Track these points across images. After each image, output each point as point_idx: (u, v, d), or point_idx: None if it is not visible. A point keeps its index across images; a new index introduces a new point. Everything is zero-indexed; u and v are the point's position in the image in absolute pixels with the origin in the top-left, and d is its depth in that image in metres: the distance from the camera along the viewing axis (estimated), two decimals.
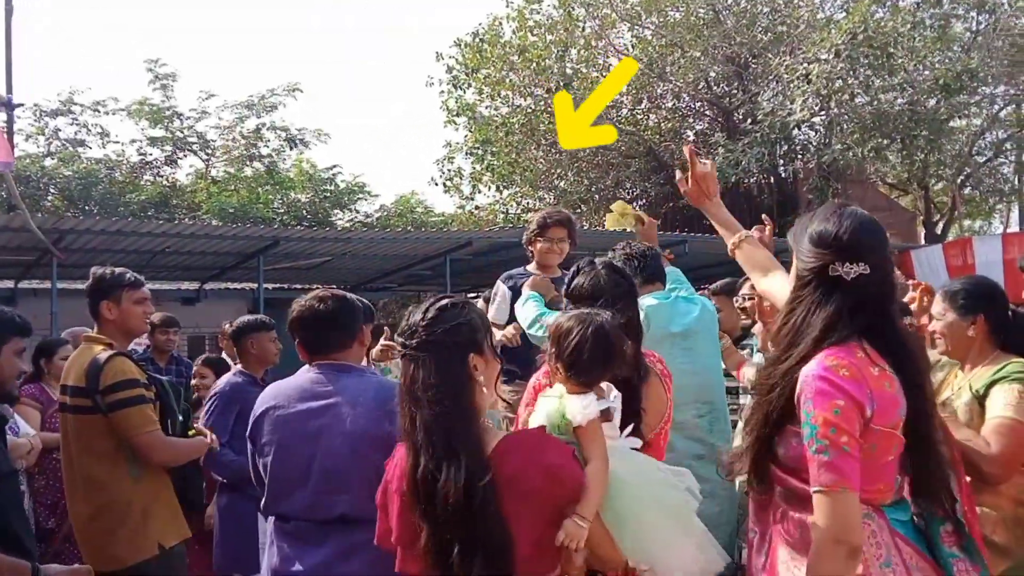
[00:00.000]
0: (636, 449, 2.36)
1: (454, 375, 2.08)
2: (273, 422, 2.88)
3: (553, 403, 2.26)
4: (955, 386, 3.10)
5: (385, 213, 24.78)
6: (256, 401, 3.02)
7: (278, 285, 16.45)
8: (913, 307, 3.74)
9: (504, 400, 2.25)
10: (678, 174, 2.91)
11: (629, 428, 2.38)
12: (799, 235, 2.17)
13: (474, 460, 2.00)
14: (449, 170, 22.00)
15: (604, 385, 2.33)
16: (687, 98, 20.29)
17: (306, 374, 2.97)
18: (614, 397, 2.30)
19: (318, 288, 3.13)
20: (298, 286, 16.93)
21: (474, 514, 1.97)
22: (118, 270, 3.70)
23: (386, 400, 2.62)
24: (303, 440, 2.80)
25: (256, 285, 13.31)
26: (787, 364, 2.11)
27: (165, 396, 3.66)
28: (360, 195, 24.94)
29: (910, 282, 3.93)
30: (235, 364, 5.05)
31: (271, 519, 2.91)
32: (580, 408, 2.16)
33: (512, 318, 4.22)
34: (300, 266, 14.32)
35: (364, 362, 3.74)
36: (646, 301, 2.71)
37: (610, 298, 2.55)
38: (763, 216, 4.03)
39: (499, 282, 4.59)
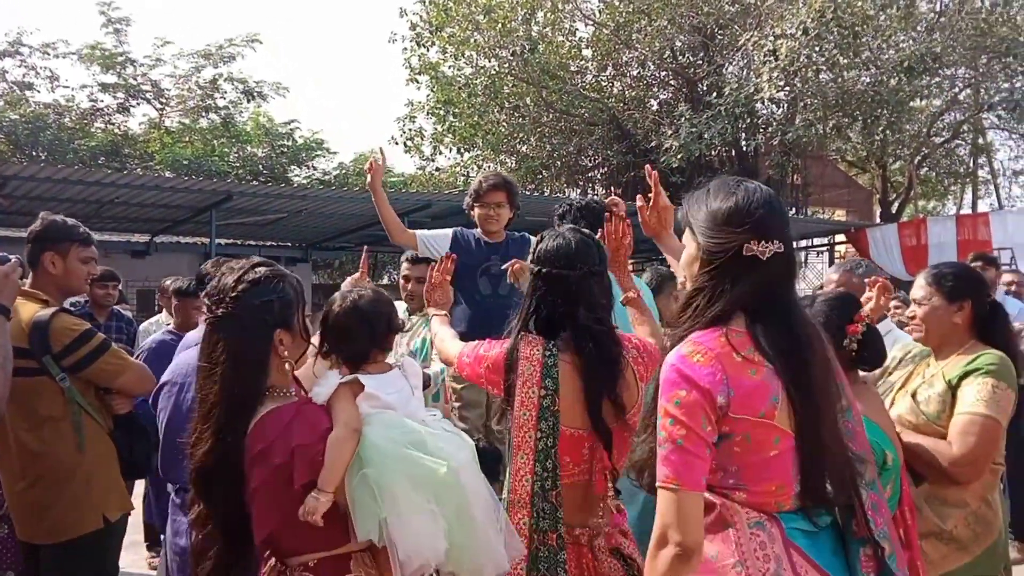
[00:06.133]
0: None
1: (254, 351, 2.07)
2: (167, 393, 2.96)
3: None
4: (926, 374, 3.00)
5: (344, 171, 24.39)
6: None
7: (231, 241, 16.15)
8: (869, 307, 3.43)
9: (300, 384, 2.25)
10: (639, 200, 2.85)
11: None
12: (694, 212, 1.97)
13: (228, 431, 2.02)
14: (410, 130, 21.59)
15: (392, 361, 2.35)
16: (652, 67, 20.16)
17: None
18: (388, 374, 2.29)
19: (272, 245, 3.04)
20: (252, 242, 16.65)
21: (216, 483, 2.02)
22: (70, 221, 3.40)
23: None
24: (190, 411, 2.76)
25: (208, 240, 13.06)
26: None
27: None
28: (318, 152, 24.54)
29: (867, 280, 3.72)
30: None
31: (172, 489, 3.06)
32: (321, 387, 2.17)
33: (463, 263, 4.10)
34: (254, 222, 14.05)
35: None
36: None
37: (579, 261, 2.54)
38: None
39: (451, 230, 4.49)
